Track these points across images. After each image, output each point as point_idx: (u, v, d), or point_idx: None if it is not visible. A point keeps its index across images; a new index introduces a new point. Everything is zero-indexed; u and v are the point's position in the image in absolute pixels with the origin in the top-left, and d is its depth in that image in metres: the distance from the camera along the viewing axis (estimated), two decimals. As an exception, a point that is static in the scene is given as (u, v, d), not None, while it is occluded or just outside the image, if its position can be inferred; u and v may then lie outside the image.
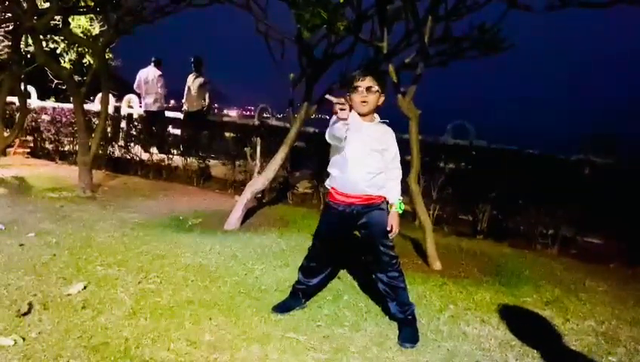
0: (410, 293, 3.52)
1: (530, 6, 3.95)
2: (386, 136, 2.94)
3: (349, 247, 3.43)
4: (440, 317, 3.25)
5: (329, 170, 3.02)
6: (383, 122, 2.98)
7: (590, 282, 4.27)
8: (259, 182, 5.39)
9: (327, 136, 2.86)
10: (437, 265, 4.28)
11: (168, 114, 9.93)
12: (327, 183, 3.06)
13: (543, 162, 5.88)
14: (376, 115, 2.96)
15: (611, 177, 5.56)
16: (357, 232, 3.05)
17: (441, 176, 5.89)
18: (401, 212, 2.96)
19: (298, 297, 3.21)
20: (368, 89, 2.84)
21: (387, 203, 2.96)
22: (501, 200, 5.63)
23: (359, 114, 2.89)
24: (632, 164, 5.66)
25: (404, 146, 5.44)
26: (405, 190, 5.31)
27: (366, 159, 2.86)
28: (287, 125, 7.74)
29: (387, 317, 3.14)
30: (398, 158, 3.00)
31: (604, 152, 5.82)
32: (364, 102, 2.84)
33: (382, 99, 2.92)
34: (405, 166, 4.61)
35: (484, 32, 4.41)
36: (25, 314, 2.83)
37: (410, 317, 2.94)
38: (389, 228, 2.91)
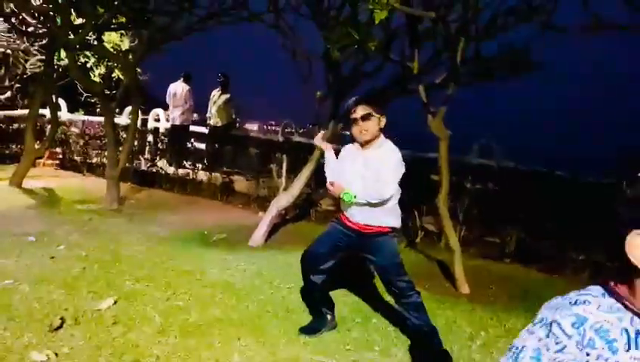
0: (439, 318, 3.49)
1: (565, 28, 3.89)
2: (381, 162, 2.79)
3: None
4: (471, 346, 3.17)
5: None
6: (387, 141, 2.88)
7: (624, 310, 4.14)
8: (284, 198, 5.39)
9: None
10: (465, 289, 4.20)
11: (193, 128, 10.05)
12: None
13: (573, 185, 5.75)
14: (380, 137, 2.86)
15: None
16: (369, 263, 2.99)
17: (468, 196, 5.81)
18: (346, 200, 2.78)
19: (323, 316, 3.16)
20: (364, 117, 2.78)
21: (393, 231, 2.89)
22: (529, 222, 5.52)
23: (361, 144, 2.86)
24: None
25: (430, 165, 5.45)
26: (431, 210, 5.26)
27: (365, 188, 2.77)
28: (311, 141, 7.78)
29: (417, 342, 3.08)
30: (388, 184, 2.75)
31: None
32: (363, 131, 2.80)
33: (383, 121, 2.84)
34: (434, 186, 4.59)
35: (513, 53, 4.38)
36: (57, 328, 2.86)
37: (437, 343, 2.87)
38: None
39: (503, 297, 4.16)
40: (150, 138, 9.33)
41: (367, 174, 2.80)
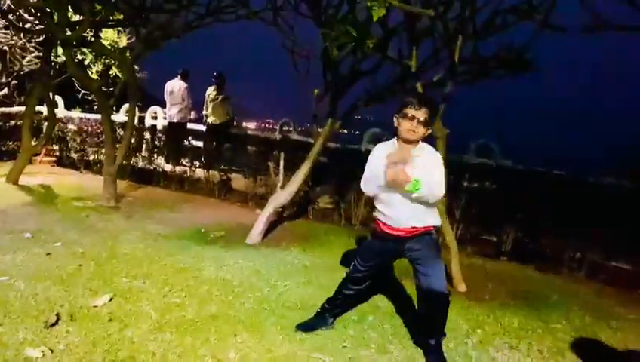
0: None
1: (564, 27, 3.89)
2: (432, 163, 2.75)
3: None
4: (468, 342, 3.18)
5: (375, 203, 2.92)
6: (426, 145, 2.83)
7: (620, 309, 4.15)
8: (281, 196, 5.38)
9: (364, 187, 2.86)
10: (462, 287, 4.21)
11: (191, 126, 10.03)
12: (374, 214, 2.97)
13: (570, 184, 5.77)
14: (420, 141, 2.80)
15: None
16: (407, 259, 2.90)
17: (465, 195, 5.81)
18: (412, 189, 2.64)
19: (325, 317, 3.17)
20: (421, 122, 2.70)
21: (435, 230, 2.87)
22: (526, 221, 5.53)
23: (404, 141, 2.77)
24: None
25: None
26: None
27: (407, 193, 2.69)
28: (309, 139, 7.78)
29: (413, 340, 3.09)
30: (441, 184, 2.73)
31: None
32: (412, 131, 2.71)
33: (429, 131, 2.80)
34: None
35: (511, 52, 4.38)
36: (52, 325, 2.85)
37: (437, 344, 2.87)
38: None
39: (500, 295, 4.17)
40: (148, 135, 9.31)
41: (419, 173, 2.68)
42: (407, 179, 2.62)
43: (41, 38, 8.31)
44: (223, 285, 3.77)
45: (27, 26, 7.82)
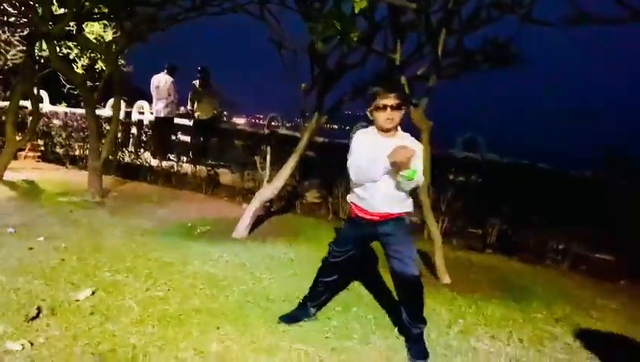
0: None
1: (547, 21, 3.92)
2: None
3: (359, 259, 3.40)
4: (449, 332, 3.21)
5: (352, 187, 2.94)
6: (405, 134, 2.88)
7: (601, 299, 4.21)
8: (268, 191, 5.38)
9: (355, 177, 2.82)
10: (446, 279, 4.24)
11: (178, 121, 9.98)
12: (349, 198, 3.00)
13: (554, 177, 5.83)
14: (399, 128, 2.86)
15: (622, 194, 5.51)
16: (380, 243, 2.93)
17: (451, 188, 5.85)
18: (409, 180, 2.66)
19: (307, 308, 3.19)
20: (395, 107, 2.73)
21: (407, 216, 2.90)
22: (511, 214, 5.58)
23: (383, 130, 2.81)
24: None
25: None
26: (415, 203, 5.28)
27: (385, 178, 2.75)
28: (297, 134, 7.77)
29: (396, 330, 3.11)
30: (421, 172, 2.77)
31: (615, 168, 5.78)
32: (389, 119, 2.74)
33: (403, 112, 2.82)
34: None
35: (496, 46, 4.40)
36: (33, 318, 2.83)
37: (419, 333, 2.89)
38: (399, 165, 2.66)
39: (483, 286, 4.21)
40: (134, 130, 9.25)
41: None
42: (408, 155, 2.60)
43: (25, 32, 8.20)
44: (207, 279, 3.77)
45: (11, 19, 7.71)
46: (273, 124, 9.34)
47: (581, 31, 4.07)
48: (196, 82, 9.42)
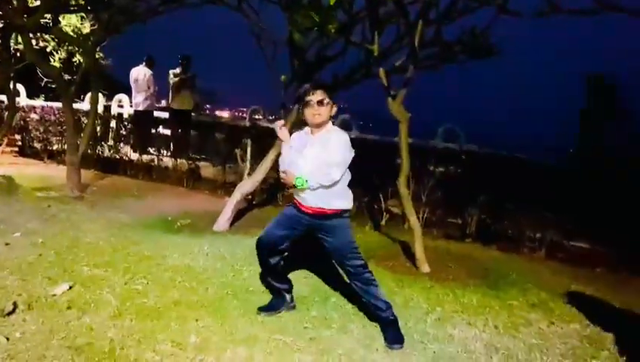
0: (397, 296, 3.57)
1: (519, 12, 3.97)
2: (330, 145, 2.84)
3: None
4: (427, 320, 3.26)
5: None
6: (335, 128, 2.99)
7: (576, 286, 4.31)
8: (248, 183, 5.38)
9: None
10: (425, 268, 4.30)
11: (158, 114, 9.88)
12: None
13: (531, 167, 5.94)
14: (329, 123, 2.96)
15: (596, 184, 5.64)
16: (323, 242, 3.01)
17: (431, 179, 5.91)
18: (298, 186, 2.81)
19: (282, 296, 3.20)
20: (320, 102, 2.86)
21: (346, 213, 2.96)
22: (490, 204, 5.67)
23: (312, 126, 2.93)
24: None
25: (393, 150, 5.51)
26: (396, 193, 5.32)
27: (314, 173, 2.81)
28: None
29: (374, 319, 3.15)
30: (338, 166, 2.81)
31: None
32: (316, 114, 2.87)
33: (334, 109, 2.96)
34: (395, 169, 4.66)
35: (474, 37, 4.44)
36: (9, 313, 2.80)
37: (392, 317, 2.94)
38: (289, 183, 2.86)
39: (462, 275, 4.28)
40: (113, 124, 9.13)
41: (318, 158, 2.83)
42: (291, 180, 2.82)
43: (0, 25, 8.02)
44: (186, 272, 3.76)
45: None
46: (255, 117, 9.31)
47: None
48: (176, 70, 9.25)
